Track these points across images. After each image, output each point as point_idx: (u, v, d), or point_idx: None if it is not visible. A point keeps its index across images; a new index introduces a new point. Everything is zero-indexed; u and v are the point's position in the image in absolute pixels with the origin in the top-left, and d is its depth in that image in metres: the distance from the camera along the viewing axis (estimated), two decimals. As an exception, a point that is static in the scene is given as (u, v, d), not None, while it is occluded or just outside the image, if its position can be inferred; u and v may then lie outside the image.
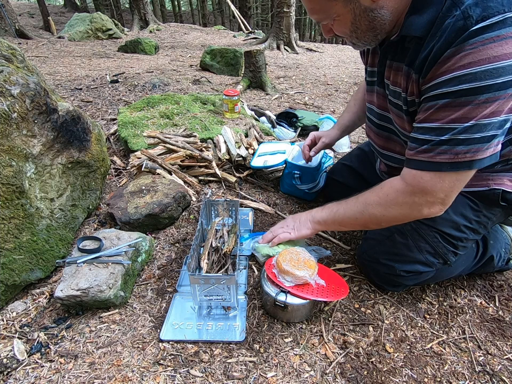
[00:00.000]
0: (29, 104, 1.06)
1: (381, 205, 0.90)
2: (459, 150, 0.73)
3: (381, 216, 0.92)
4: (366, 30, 0.81)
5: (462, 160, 0.74)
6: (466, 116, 0.70)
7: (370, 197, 0.94)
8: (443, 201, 0.83)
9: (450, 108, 0.72)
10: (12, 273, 1.02)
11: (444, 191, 0.80)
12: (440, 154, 0.76)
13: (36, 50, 5.33)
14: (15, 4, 15.10)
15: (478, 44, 0.65)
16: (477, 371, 0.90)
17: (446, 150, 0.74)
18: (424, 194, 0.82)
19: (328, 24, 0.85)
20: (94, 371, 0.86)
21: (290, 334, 0.97)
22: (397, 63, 0.86)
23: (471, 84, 0.67)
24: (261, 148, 1.80)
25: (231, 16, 16.63)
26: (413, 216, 0.90)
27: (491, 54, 0.64)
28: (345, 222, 1.02)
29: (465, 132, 0.71)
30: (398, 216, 0.91)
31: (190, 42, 7.28)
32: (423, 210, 0.86)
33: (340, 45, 8.76)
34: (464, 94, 0.69)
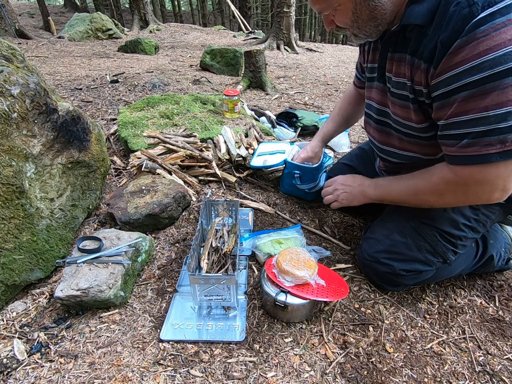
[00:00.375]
0: (29, 104, 1.06)
1: (433, 193, 0.90)
2: (505, 139, 0.70)
3: (435, 202, 0.92)
4: (367, 20, 0.82)
5: (510, 148, 0.71)
6: (497, 102, 0.68)
7: (421, 184, 0.91)
8: (504, 187, 0.79)
9: (476, 97, 0.70)
10: (12, 273, 1.02)
11: (501, 177, 0.77)
12: (486, 147, 0.73)
13: (36, 50, 5.33)
14: (15, 4, 15.11)
15: (491, 30, 0.64)
16: (477, 371, 0.90)
17: (491, 141, 0.72)
18: (481, 184, 0.80)
19: (330, 15, 0.87)
20: (94, 371, 0.86)
21: (290, 334, 0.97)
22: (399, 54, 0.87)
23: (492, 70, 0.66)
24: (261, 147, 1.80)
25: (231, 16, 16.63)
26: (470, 202, 0.89)
27: (506, 38, 0.64)
28: (397, 202, 1.02)
29: (503, 118, 0.69)
30: (453, 203, 0.91)
31: (190, 42, 7.28)
32: (482, 197, 0.84)
33: (340, 45, 8.77)
34: (487, 81, 0.68)
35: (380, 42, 0.94)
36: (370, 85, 1.07)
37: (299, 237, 1.26)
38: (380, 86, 1.00)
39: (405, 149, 0.99)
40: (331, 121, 1.45)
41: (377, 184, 1.07)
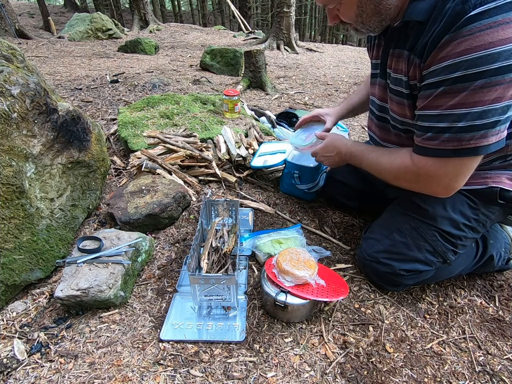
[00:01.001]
0: (29, 104, 1.06)
1: (391, 174, 0.97)
2: (462, 137, 0.75)
3: (391, 180, 0.99)
4: (371, 15, 0.82)
5: (466, 147, 0.76)
6: (464, 102, 0.71)
7: (385, 164, 0.98)
8: (448, 185, 0.86)
9: (448, 94, 0.73)
10: (12, 273, 1.02)
11: (447, 175, 0.83)
12: (444, 142, 0.78)
13: (36, 50, 5.33)
14: (15, 4, 15.11)
15: (476, 30, 0.66)
16: (477, 371, 0.90)
17: (449, 137, 0.76)
18: (428, 178, 0.86)
19: (334, 10, 0.87)
20: (94, 371, 0.86)
21: (290, 334, 0.97)
22: (398, 50, 0.88)
23: (467, 70, 0.68)
24: (262, 148, 1.81)
25: (231, 16, 16.63)
26: (419, 190, 0.95)
27: (487, 40, 0.65)
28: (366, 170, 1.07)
29: (465, 118, 0.73)
30: (406, 187, 0.97)
31: (190, 42, 7.28)
32: (428, 189, 0.91)
33: (340, 45, 8.77)
34: (460, 81, 0.70)
35: (383, 38, 0.94)
36: (373, 81, 1.08)
37: (299, 237, 1.26)
38: (382, 83, 1.00)
39: (404, 145, 1.00)
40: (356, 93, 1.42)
41: (352, 154, 1.10)
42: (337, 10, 0.87)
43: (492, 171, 0.94)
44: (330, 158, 1.19)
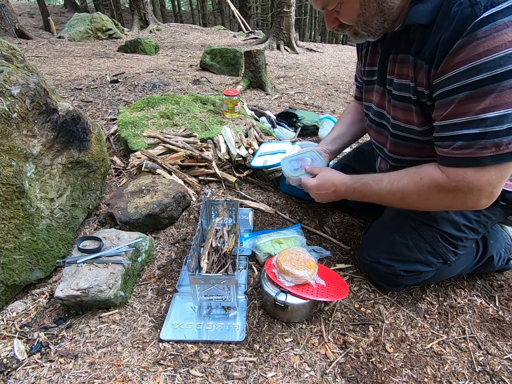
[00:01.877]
0: (29, 104, 1.06)
1: (421, 197, 0.87)
2: (500, 142, 0.70)
3: (420, 206, 0.90)
4: (374, 13, 0.80)
5: (505, 152, 0.70)
6: (495, 105, 0.68)
7: (408, 186, 0.88)
8: (491, 194, 0.78)
9: (474, 99, 0.70)
10: (12, 273, 1.02)
11: (491, 184, 0.76)
12: (480, 149, 0.72)
13: (36, 50, 5.33)
14: (15, 4, 15.11)
15: (492, 31, 0.64)
16: (477, 371, 0.90)
17: (485, 144, 0.71)
18: (470, 190, 0.78)
19: (333, 12, 0.84)
20: (94, 371, 0.86)
21: (290, 334, 0.97)
22: (402, 55, 0.85)
23: (492, 71, 0.66)
24: (262, 148, 1.80)
25: (231, 16, 16.63)
26: (455, 208, 0.90)
27: (507, 39, 0.63)
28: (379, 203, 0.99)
29: (499, 121, 0.68)
30: (438, 208, 0.90)
31: (190, 42, 7.28)
32: (467, 204, 0.82)
33: (340, 45, 8.77)
34: (486, 83, 0.67)
35: (380, 45, 0.93)
36: (370, 88, 1.06)
37: (299, 237, 1.26)
38: (380, 89, 0.99)
39: (401, 153, 1.00)
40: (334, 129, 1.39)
41: (355, 190, 1.02)
42: (336, 12, 0.84)
43: None
44: (325, 195, 1.11)
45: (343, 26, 0.87)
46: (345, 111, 1.41)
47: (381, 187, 0.94)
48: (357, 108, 1.35)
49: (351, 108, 1.39)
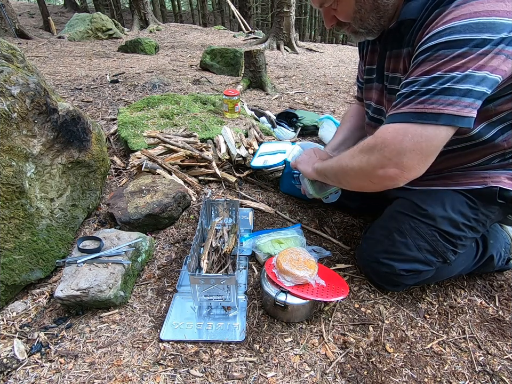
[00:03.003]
0: (29, 104, 1.06)
1: (348, 155, 0.90)
2: (425, 99, 0.70)
3: (345, 167, 0.90)
4: (370, 10, 0.82)
5: (428, 111, 0.69)
6: (438, 68, 0.69)
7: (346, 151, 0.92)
8: (400, 162, 0.75)
9: (427, 61, 0.71)
10: (12, 273, 1.02)
11: (403, 146, 0.73)
12: (406, 105, 0.73)
13: (36, 50, 5.33)
14: (15, 4, 15.11)
15: (461, 2, 0.67)
16: (477, 371, 0.90)
17: (413, 99, 0.72)
18: (382, 147, 0.76)
19: (331, 10, 0.86)
20: (94, 371, 0.86)
21: (290, 334, 0.97)
22: (396, 50, 0.88)
23: (450, 36, 0.68)
24: (262, 148, 1.81)
25: (231, 16, 16.63)
26: (368, 174, 0.84)
27: (472, 10, 0.66)
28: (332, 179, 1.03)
29: (434, 81, 0.69)
30: (357, 170, 0.86)
31: (190, 42, 7.28)
32: (377, 170, 0.79)
33: (340, 45, 8.77)
34: (442, 48, 0.69)
35: (379, 43, 0.95)
36: (369, 86, 1.09)
37: (299, 237, 1.26)
38: (379, 87, 1.01)
39: None
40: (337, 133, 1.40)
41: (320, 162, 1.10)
42: (334, 10, 0.86)
43: (491, 171, 0.94)
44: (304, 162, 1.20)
45: (340, 24, 0.90)
46: (348, 114, 1.41)
47: (333, 158, 1.01)
48: (359, 112, 1.35)
49: (353, 111, 1.39)
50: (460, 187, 0.96)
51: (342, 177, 0.95)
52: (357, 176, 0.89)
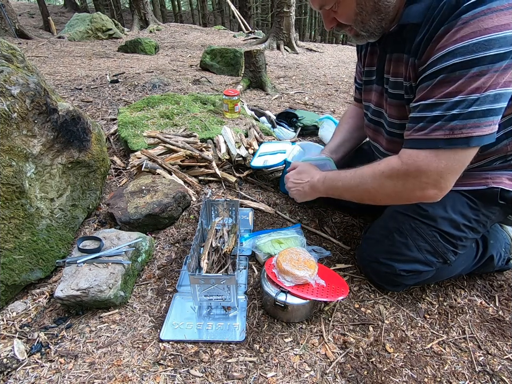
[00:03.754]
0: (29, 104, 1.06)
1: (375, 182, 0.89)
2: (454, 125, 0.71)
3: (374, 192, 0.91)
4: (371, 12, 0.81)
5: (458, 137, 0.72)
6: (460, 90, 0.69)
7: (367, 171, 0.92)
8: (438, 184, 0.79)
9: (445, 83, 0.71)
10: (12, 273, 1.02)
11: (439, 172, 0.77)
12: (435, 131, 0.74)
13: (36, 50, 5.33)
14: (15, 4, 15.11)
15: (469, 18, 0.66)
16: (477, 371, 0.90)
17: (440, 125, 0.73)
18: (418, 174, 0.79)
19: (331, 12, 0.85)
20: (94, 371, 0.86)
21: (290, 334, 0.97)
22: (397, 54, 0.87)
23: (464, 57, 0.67)
24: (262, 147, 1.81)
25: (231, 16, 16.63)
26: (405, 196, 0.88)
27: (482, 27, 0.65)
28: (344, 195, 1.02)
29: (459, 106, 0.70)
30: (391, 194, 0.89)
31: (190, 42, 7.28)
32: (416, 192, 0.83)
33: (340, 45, 8.77)
34: (458, 68, 0.69)
35: (378, 45, 0.95)
36: (369, 88, 1.08)
37: (299, 237, 1.26)
38: (379, 89, 1.01)
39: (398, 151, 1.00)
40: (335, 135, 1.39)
41: (326, 177, 1.06)
42: (334, 12, 0.85)
43: (492, 171, 0.94)
44: (299, 185, 1.16)
45: (341, 26, 0.88)
46: (346, 115, 1.40)
47: (346, 174, 0.98)
48: (358, 113, 1.35)
49: (351, 112, 1.38)
50: (460, 188, 0.96)
51: (367, 199, 0.97)
52: (390, 198, 0.92)
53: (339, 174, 1.03)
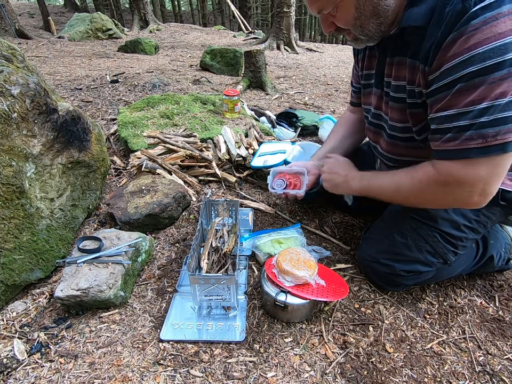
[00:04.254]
0: (29, 104, 1.06)
1: (414, 190, 0.88)
2: (486, 133, 0.70)
3: (413, 199, 0.92)
4: (370, 16, 0.80)
5: (492, 144, 0.70)
6: (483, 96, 0.68)
7: (405, 178, 0.90)
8: (483, 191, 0.78)
9: (465, 91, 0.70)
10: (12, 273, 1.02)
11: (482, 180, 0.75)
12: (466, 141, 0.72)
13: (36, 50, 5.33)
14: (15, 4, 15.11)
15: (481, 24, 0.65)
16: (477, 371, 0.90)
17: (472, 135, 0.71)
18: (459, 185, 0.78)
19: (329, 16, 0.84)
20: (94, 371, 0.86)
21: (290, 334, 0.97)
22: (398, 57, 0.86)
23: (482, 63, 0.66)
24: (262, 148, 1.80)
25: (231, 16, 16.63)
26: (450, 204, 0.89)
27: (496, 31, 0.64)
28: (380, 196, 1.01)
29: (487, 112, 0.69)
30: (432, 203, 0.90)
31: (190, 42, 7.28)
32: (461, 200, 0.82)
33: (340, 45, 8.77)
34: (476, 75, 0.68)
35: (377, 49, 0.94)
36: (367, 91, 1.07)
37: (299, 237, 1.26)
38: (378, 92, 1.00)
39: (399, 153, 1.01)
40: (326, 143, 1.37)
41: (362, 176, 1.05)
42: (332, 16, 0.83)
43: None
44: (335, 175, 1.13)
45: (339, 30, 0.87)
46: (338, 123, 1.40)
47: (383, 176, 0.98)
48: (351, 120, 1.33)
49: (344, 120, 1.37)
50: None
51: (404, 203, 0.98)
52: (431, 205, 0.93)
53: (375, 176, 1.02)
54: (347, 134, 1.33)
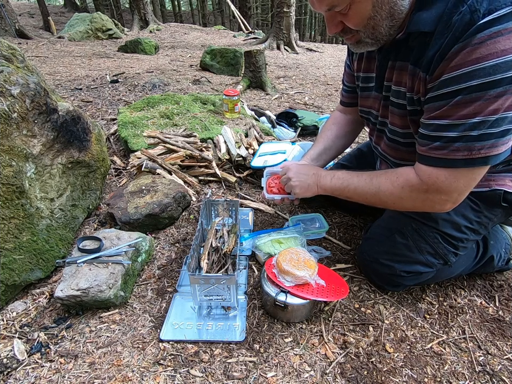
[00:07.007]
0: (29, 104, 1.06)
1: (394, 195, 0.90)
2: (473, 146, 0.72)
3: (391, 204, 0.94)
4: (385, 17, 0.76)
5: (476, 157, 0.73)
6: (477, 112, 0.69)
7: (384, 183, 0.91)
8: (456, 200, 0.83)
9: (462, 104, 0.71)
10: (12, 273, 1.02)
11: (458, 190, 0.80)
12: (454, 152, 0.75)
13: (36, 50, 5.33)
14: (15, 4, 15.12)
15: (486, 38, 0.64)
16: (477, 371, 0.90)
17: (459, 146, 0.73)
18: (438, 193, 0.82)
19: (338, 15, 0.78)
20: (94, 371, 0.86)
21: (290, 334, 0.97)
22: (400, 62, 0.85)
23: (482, 79, 0.66)
24: (262, 148, 1.80)
25: (231, 16, 16.63)
26: (424, 210, 0.92)
27: (499, 48, 0.63)
28: (354, 198, 1.01)
29: (477, 127, 0.70)
30: (409, 208, 0.93)
31: (190, 42, 7.28)
32: (435, 207, 0.87)
33: (340, 45, 8.77)
34: (475, 90, 0.68)
35: (379, 52, 0.91)
36: (366, 94, 1.05)
37: (299, 237, 1.26)
38: (379, 96, 0.98)
39: (401, 158, 1.00)
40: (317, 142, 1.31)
41: (335, 175, 1.04)
42: (343, 15, 0.78)
43: (495, 174, 0.93)
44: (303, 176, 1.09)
45: (346, 31, 0.83)
46: (329, 121, 1.34)
47: (360, 179, 0.97)
48: (342, 119, 1.30)
49: (335, 119, 1.33)
50: None
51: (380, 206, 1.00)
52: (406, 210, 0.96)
53: (350, 177, 1.00)
54: (340, 134, 1.29)
